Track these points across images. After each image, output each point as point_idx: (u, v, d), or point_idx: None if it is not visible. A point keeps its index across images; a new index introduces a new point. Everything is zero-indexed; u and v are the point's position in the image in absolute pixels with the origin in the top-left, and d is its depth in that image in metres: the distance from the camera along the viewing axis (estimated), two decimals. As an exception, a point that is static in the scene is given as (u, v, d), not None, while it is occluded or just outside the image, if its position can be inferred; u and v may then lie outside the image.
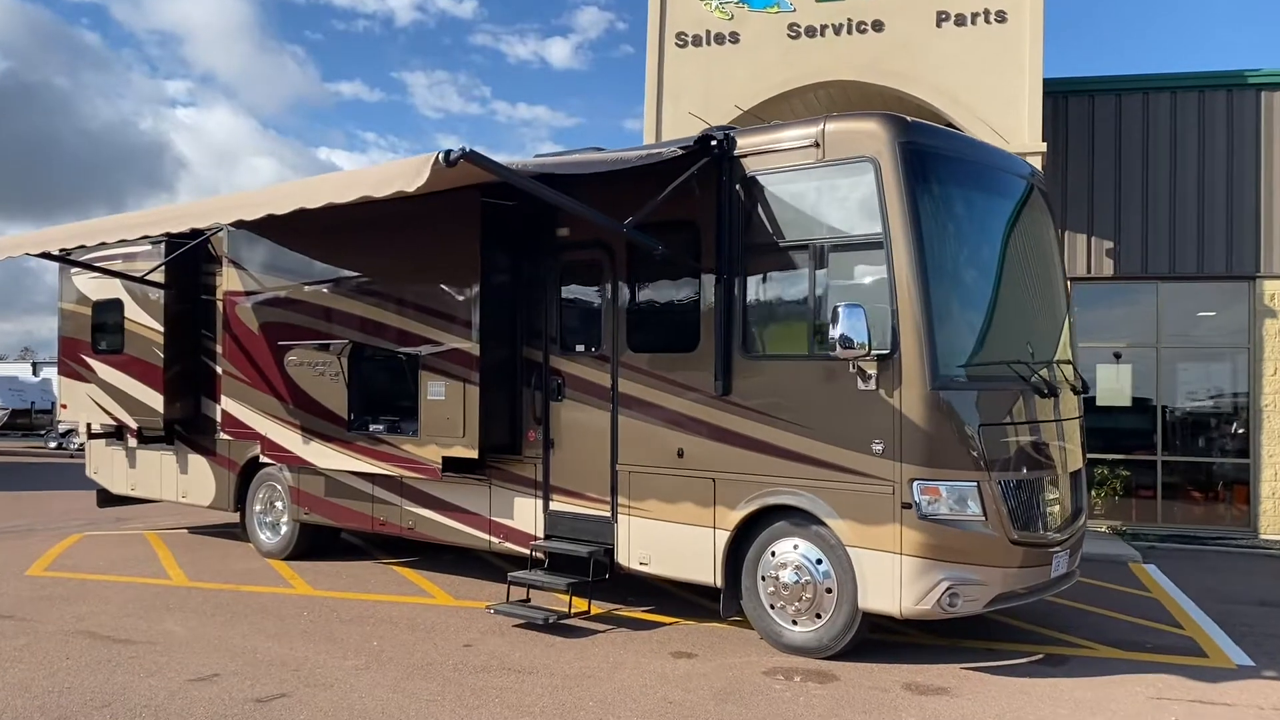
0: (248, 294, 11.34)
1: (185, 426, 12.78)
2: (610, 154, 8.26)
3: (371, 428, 10.28)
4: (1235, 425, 15.16)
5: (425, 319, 9.70)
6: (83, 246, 11.80)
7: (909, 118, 7.77)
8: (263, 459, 11.34)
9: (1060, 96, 15.39)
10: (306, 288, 10.75)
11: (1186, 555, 13.27)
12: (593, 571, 8.89)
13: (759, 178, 8.16)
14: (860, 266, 7.73)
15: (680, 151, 8.13)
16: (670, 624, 8.95)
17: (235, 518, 12.77)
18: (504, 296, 9.51)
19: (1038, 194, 8.89)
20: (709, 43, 15.29)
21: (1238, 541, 14.39)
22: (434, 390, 9.62)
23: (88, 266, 12.77)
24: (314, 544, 11.93)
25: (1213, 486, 15.27)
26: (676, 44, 15.38)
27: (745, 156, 8.23)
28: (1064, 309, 8.96)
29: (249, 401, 11.32)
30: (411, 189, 6.78)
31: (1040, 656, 8.07)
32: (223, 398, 11.65)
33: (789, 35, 14.91)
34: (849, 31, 14.67)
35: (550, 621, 8.54)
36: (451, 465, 9.62)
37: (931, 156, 7.72)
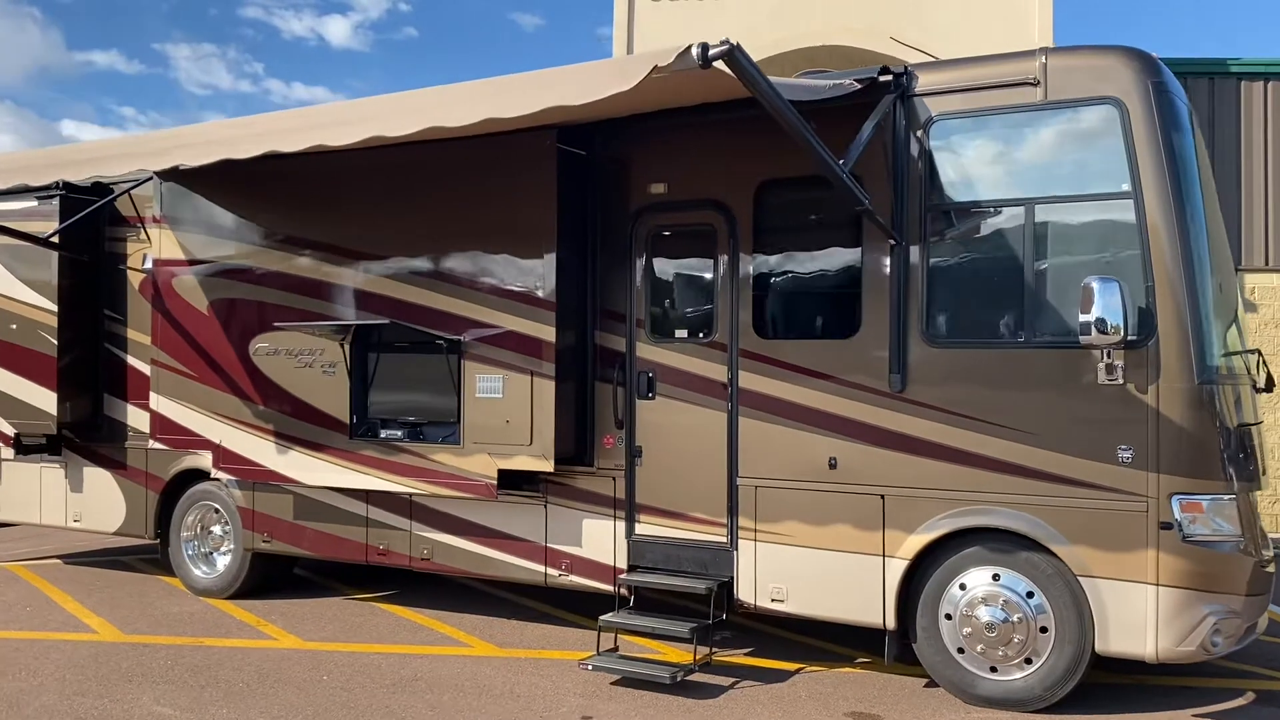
0: (193, 263, 8.86)
1: (81, 432, 10.08)
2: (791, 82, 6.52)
3: (385, 434, 8.10)
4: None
5: (473, 295, 7.65)
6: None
7: (1149, 52, 6.41)
8: (215, 474, 8.88)
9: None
10: (286, 255, 8.41)
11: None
12: (712, 611, 7.12)
13: (948, 122, 6.62)
14: (1094, 232, 6.32)
15: (857, 85, 6.51)
16: (796, 671, 7.30)
17: (128, 541, 10.22)
18: (574, 268, 7.59)
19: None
20: (686, -4, 13.66)
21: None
22: (486, 386, 7.58)
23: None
24: (266, 578, 9.56)
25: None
26: (650, -4, 13.65)
27: (929, 96, 6.66)
28: (1235, 284, 7.80)
29: (195, 401, 8.85)
30: (630, 85, 4.85)
31: (1253, 695, 6.91)
32: (154, 396, 9.09)
33: (778, -8, 13.45)
34: (845, -9, 13.36)
35: (679, 679, 6.72)
36: (505, 480, 7.62)
37: (1178, 98, 6.39)
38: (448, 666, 7.35)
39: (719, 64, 4.73)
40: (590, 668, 6.97)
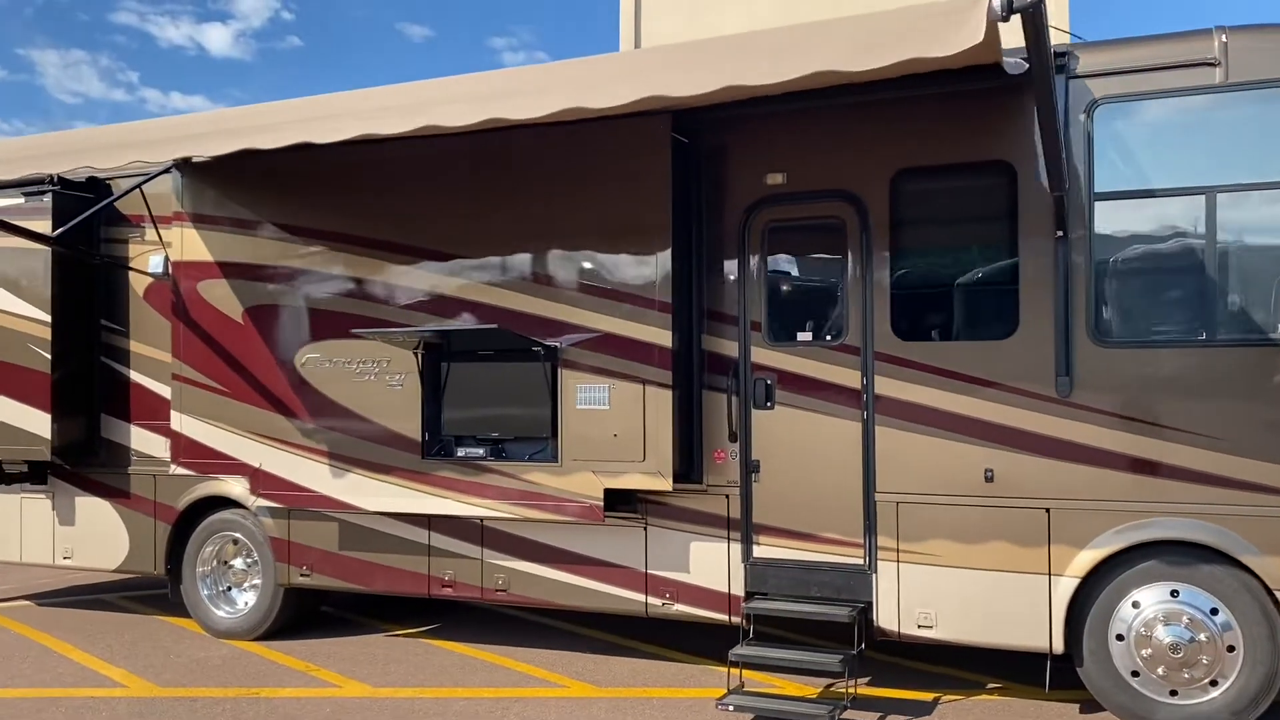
0: (225, 266, 7.90)
1: (72, 458, 8.96)
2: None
3: (464, 452, 7.28)
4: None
5: (572, 296, 6.92)
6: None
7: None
8: (254, 501, 7.92)
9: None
10: (344, 255, 7.53)
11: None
12: (856, 639, 6.50)
13: (1115, 105, 6.16)
14: (1284, 221, 5.93)
15: (1026, 64, 6.00)
16: (934, 701, 6.73)
17: (98, 578, 9.14)
18: (680, 266, 6.91)
19: None
20: (695, -14, 13.10)
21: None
22: (589, 397, 6.84)
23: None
24: (298, 615, 8.61)
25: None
26: (657, -14, 13.06)
27: (1091, 78, 6.20)
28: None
29: (228, 420, 7.88)
30: (948, 52, 4.21)
31: None
32: (176, 415, 8.07)
33: (790, -17, 13.00)
34: (859, -16, 12.95)
35: (838, 717, 6.08)
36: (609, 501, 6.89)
37: (1367, 81, 6.04)
38: (554, 711, 6.58)
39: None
40: (731, 708, 6.27)
